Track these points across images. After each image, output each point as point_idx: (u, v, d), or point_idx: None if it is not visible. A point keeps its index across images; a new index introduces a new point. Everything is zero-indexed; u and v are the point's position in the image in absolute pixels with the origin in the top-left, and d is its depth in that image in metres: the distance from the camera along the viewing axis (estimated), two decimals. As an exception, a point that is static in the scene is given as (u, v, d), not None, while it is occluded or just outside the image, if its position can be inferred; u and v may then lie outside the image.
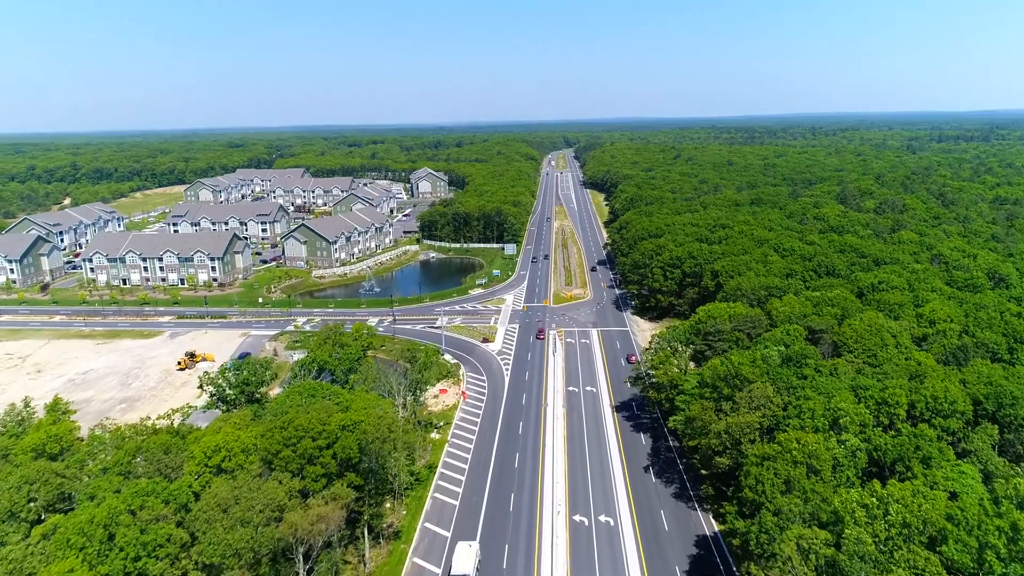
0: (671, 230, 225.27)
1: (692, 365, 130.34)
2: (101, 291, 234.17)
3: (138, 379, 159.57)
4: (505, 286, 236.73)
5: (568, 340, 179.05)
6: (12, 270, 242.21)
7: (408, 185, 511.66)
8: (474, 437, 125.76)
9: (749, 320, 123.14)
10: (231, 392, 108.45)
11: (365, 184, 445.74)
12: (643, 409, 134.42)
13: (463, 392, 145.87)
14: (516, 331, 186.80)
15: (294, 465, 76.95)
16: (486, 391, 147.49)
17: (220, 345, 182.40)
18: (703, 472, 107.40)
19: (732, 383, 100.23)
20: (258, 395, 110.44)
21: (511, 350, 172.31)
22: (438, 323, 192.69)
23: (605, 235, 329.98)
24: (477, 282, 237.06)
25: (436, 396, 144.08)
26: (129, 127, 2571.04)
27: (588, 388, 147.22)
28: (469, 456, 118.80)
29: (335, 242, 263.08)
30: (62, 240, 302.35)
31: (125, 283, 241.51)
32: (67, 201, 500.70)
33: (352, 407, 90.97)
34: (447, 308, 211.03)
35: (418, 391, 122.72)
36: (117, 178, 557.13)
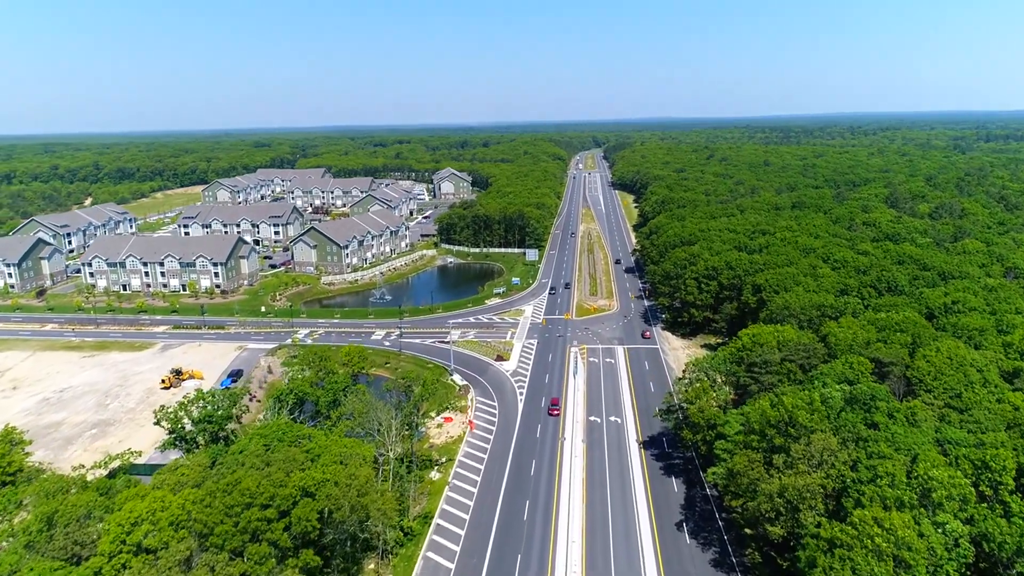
0: (706, 236, 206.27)
1: (730, 390, 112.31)
2: (99, 297, 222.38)
3: (117, 399, 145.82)
4: (525, 295, 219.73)
5: (591, 359, 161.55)
6: (10, 274, 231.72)
7: (431, 186, 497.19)
8: (479, 479, 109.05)
9: (802, 348, 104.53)
10: (193, 429, 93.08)
11: (385, 185, 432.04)
12: (675, 446, 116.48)
13: (470, 421, 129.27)
14: (534, 348, 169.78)
15: (234, 542, 61.02)
16: (496, 420, 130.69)
17: (213, 360, 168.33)
18: (747, 531, 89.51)
19: (785, 431, 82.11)
20: (224, 432, 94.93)
21: (527, 370, 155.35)
22: (449, 338, 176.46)
23: (634, 240, 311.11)
24: (495, 291, 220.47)
25: (440, 425, 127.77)
26: (166, 128, 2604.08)
27: (612, 418, 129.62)
28: (472, 503, 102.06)
29: (346, 247, 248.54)
30: (70, 242, 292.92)
31: (125, 289, 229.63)
32: (88, 201, 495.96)
33: (324, 457, 74.91)
34: (460, 320, 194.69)
35: (416, 425, 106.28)
36: (139, 178, 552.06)
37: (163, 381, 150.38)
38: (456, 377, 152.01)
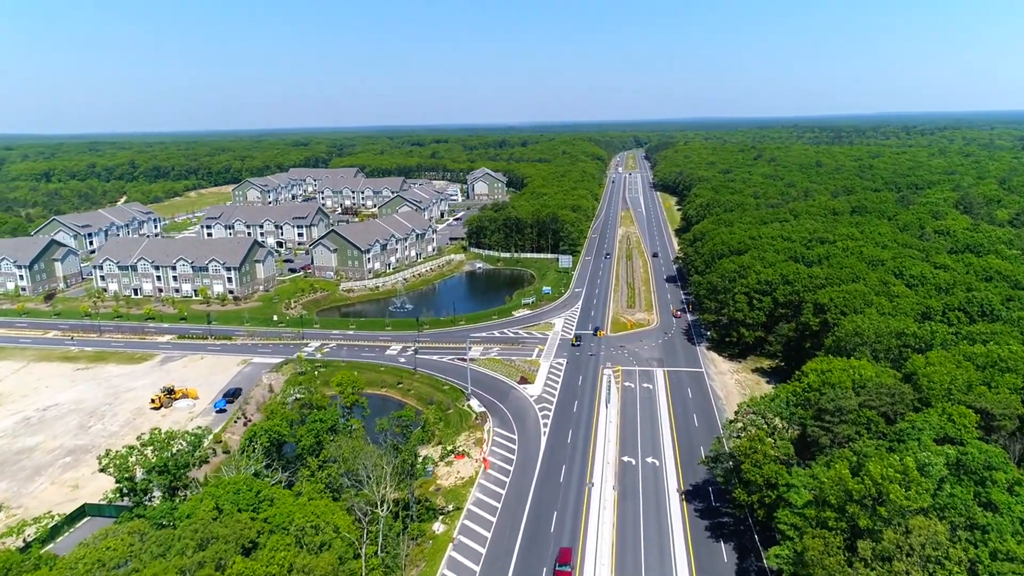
0: (757, 245, 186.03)
1: (792, 434, 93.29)
2: (107, 302, 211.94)
3: (102, 420, 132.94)
4: (556, 307, 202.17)
5: (626, 383, 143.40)
6: (21, 276, 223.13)
7: (465, 186, 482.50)
8: (489, 535, 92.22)
9: (885, 392, 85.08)
10: (148, 478, 78.09)
11: (417, 185, 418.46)
12: (724, 499, 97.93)
13: (485, 459, 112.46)
14: (563, 369, 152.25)
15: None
16: (515, 458, 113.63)
17: (212, 375, 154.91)
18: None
19: (873, 509, 63.43)
20: (183, 481, 79.78)
21: (554, 396, 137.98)
22: (468, 354, 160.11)
23: (676, 245, 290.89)
24: (523, 301, 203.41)
25: (450, 462, 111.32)
26: (214, 127, 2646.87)
27: (649, 460, 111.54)
28: (478, 570, 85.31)
29: (368, 251, 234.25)
30: (91, 242, 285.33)
31: (137, 293, 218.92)
32: (123, 200, 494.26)
33: (276, 539, 58.84)
34: (483, 335, 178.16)
35: (415, 471, 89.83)
36: (174, 176, 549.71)
37: (153, 400, 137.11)
38: (473, 403, 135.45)
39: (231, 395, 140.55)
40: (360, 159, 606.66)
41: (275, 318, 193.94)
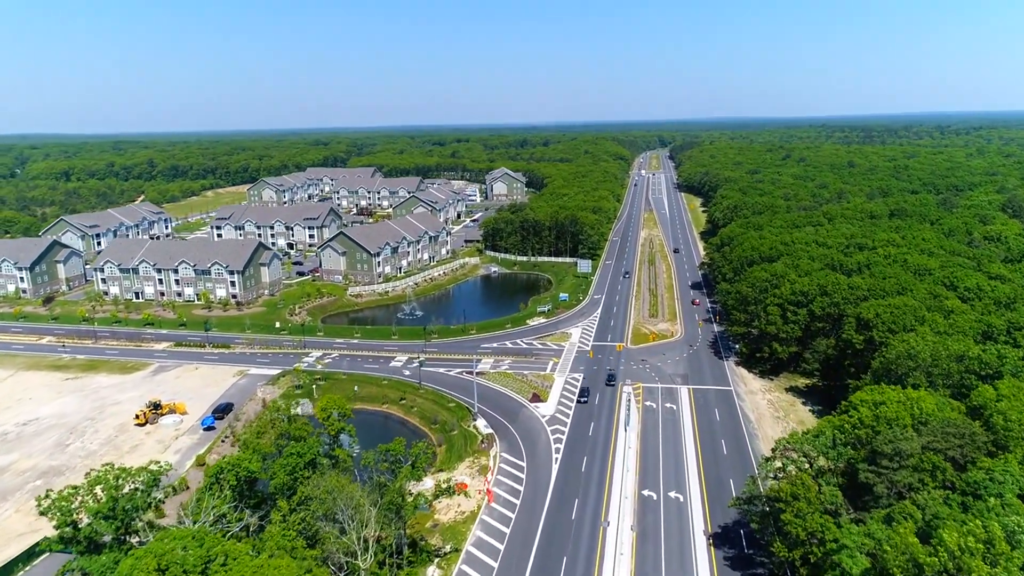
0: (790, 251, 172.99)
1: (839, 475, 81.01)
2: (107, 307, 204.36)
3: (82, 437, 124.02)
4: (573, 315, 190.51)
5: (647, 402, 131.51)
6: (22, 278, 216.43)
7: (484, 186, 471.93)
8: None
9: (952, 431, 72.53)
10: (94, 524, 67.97)
11: (434, 185, 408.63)
12: (758, 546, 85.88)
13: (488, 490, 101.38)
14: (578, 385, 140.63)
15: None
16: (523, 489, 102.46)
17: (205, 387, 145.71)
18: None
19: (951, 588, 51.29)
20: (134, 527, 69.57)
21: (568, 415, 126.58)
22: (477, 367, 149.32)
23: (702, 250, 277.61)
24: (538, 309, 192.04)
25: (452, 492, 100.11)
26: (242, 127, 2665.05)
27: (672, 494, 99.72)
28: (473, 629, 74.40)
29: (377, 254, 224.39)
30: (99, 243, 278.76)
31: (138, 297, 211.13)
32: (140, 199, 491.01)
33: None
34: (495, 345, 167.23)
35: (403, 512, 78.97)
36: (192, 176, 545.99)
37: (137, 416, 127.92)
38: (480, 423, 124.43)
39: (221, 411, 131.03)
40: (379, 158, 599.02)
41: (277, 325, 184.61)
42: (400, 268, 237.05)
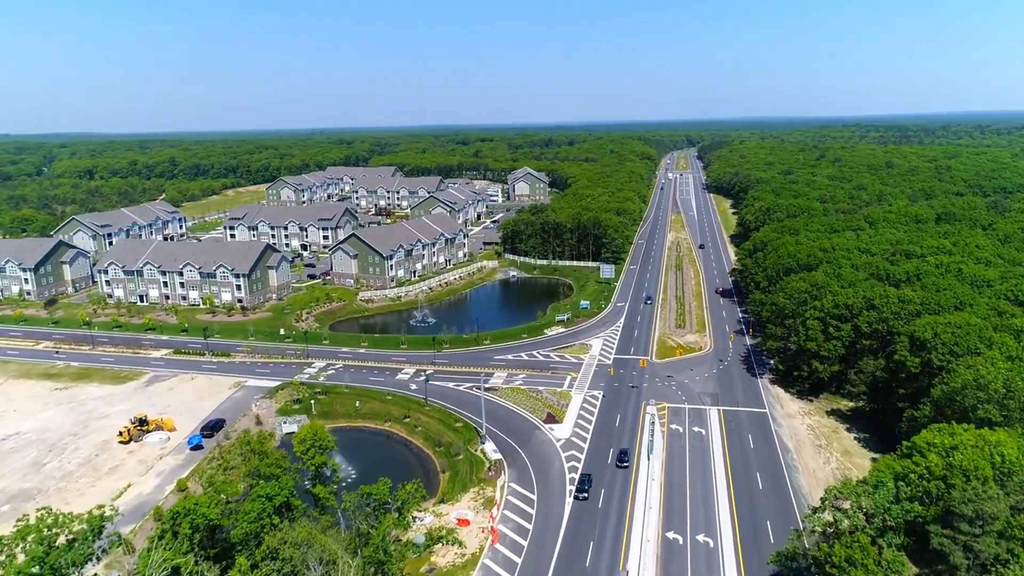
0: (830, 258, 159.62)
1: (890, 520, 68.57)
2: (109, 310, 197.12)
3: (62, 455, 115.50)
4: (594, 324, 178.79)
5: (673, 426, 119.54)
6: (26, 280, 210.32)
7: (506, 186, 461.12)
8: (487, 649, 70.23)
9: (1046, 487, 59.77)
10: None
11: (454, 185, 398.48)
12: (801, 607, 73.72)
13: (493, 529, 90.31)
14: (597, 404, 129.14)
15: None
16: (532, 528, 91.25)
17: (199, 400, 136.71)
18: None
19: None
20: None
21: (584, 440, 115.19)
22: (487, 382, 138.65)
23: (732, 254, 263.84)
24: (557, 317, 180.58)
25: (449, 533, 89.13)
26: (270, 127, 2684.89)
27: (701, 538, 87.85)
28: None
29: (390, 257, 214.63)
30: (111, 243, 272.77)
31: (143, 300, 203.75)
32: (161, 197, 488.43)
33: None
34: (510, 357, 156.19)
35: (390, 566, 68.15)
36: (213, 174, 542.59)
37: (120, 434, 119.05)
38: (488, 447, 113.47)
39: (211, 428, 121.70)
40: (401, 157, 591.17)
41: (281, 332, 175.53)
42: (414, 272, 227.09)
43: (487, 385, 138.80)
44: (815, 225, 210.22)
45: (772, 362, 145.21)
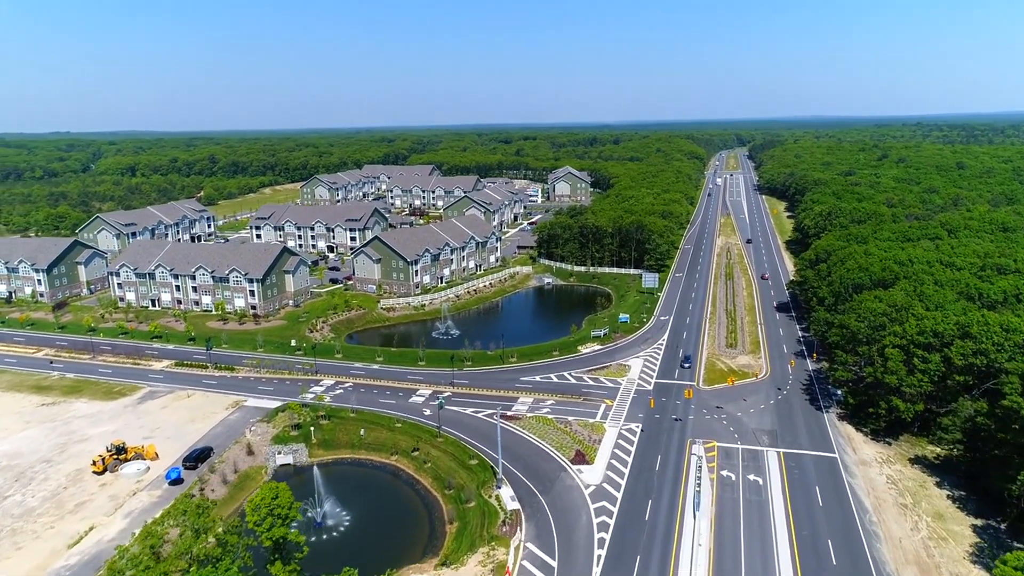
0: (908, 272, 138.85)
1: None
2: (117, 315, 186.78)
3: (29, 485, 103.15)
4: (634, 341, 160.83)
5: (724, 471, 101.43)
6: (39, 280, 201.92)
7: (546, 186, 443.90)
8: None
9: None
10: None
11: (491, 184, 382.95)
12: None
13: (501, 608, 73.91)
14: (635, 441, 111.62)
15: None
16: (548, 607, 74.53)
17: (191, 421, 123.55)
18: None
19: None
20: None
21: (619, 487, 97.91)
22: (513, 409, 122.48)
23: (788, 262, 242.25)
24: (593, 333, 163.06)
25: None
26: (318, 125, 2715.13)
27: (760, 633, 69.84)
28: None
29: (415, 262, 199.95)
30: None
31: (155, 304, 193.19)
32: (199, 195, 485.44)
33: None
34: (537, 378, 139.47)
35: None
36: (251, 172, 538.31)
37: (94, 463, 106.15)
38: (505, 493, 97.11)
39: (195, 458, 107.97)
40: (440, 155, 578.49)
41: (293, 343, 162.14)
42: (441, 278, 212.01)
43: (509, 413, 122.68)
44: (885, 232, 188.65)
45: (840, 392, 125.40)
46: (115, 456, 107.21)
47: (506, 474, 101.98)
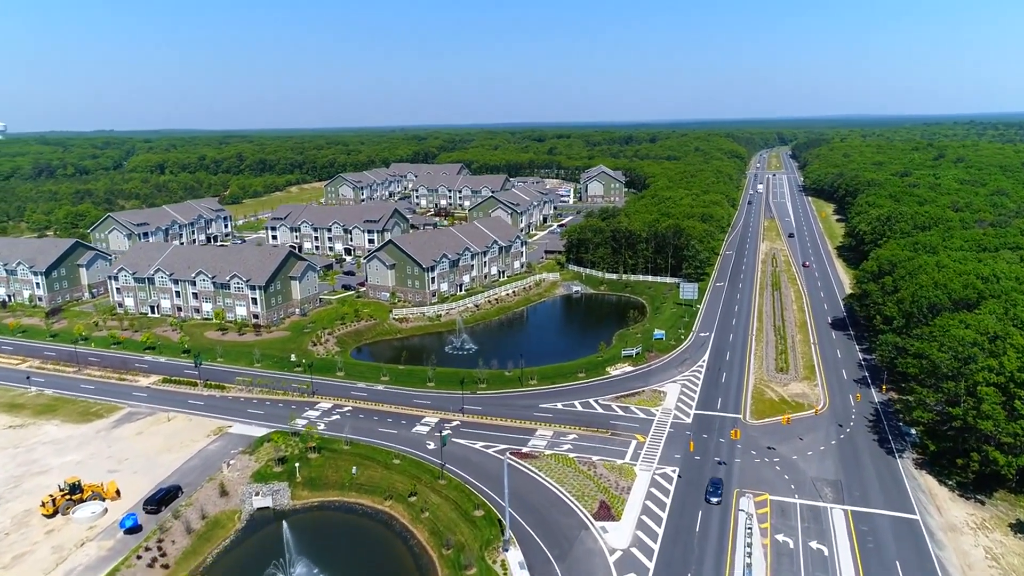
0: (995, 290, 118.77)
1: None
2: (112, 322, 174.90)
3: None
4: (670, 362, 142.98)
5: (780, 536, 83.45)
6: (37, 284, 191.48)
7: (579, 186, 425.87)
8: None
9: None
10: None
11: (519, 184, 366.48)
12: None
13: None
14: (671, 491, 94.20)
15: None
16: None
17: (166, 451, 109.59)
18: None
19: None
20: None
21: (651, 555, 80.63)
22: (529, 445, 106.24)
23: (840, 270, 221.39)
24: (624, 352, 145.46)
25: None
26: (352, 124, 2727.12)
27: None
28: None
29: (432, 268, 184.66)
30: (148, 243, 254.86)
31: (154, 311, 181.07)
32: (227, 193, 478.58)
33: None
34: (559, 406, 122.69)
35: None
36: (278, 170, 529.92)
37: (44, 504, 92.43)
38: (512, 559, 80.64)
39: (158, 500, 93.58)
40: (471, 154, 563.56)
41: (292, 358, 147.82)
42: (460, 286, 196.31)
43: (524, 449, 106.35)
44: (956, 241, 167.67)
45: (914, 432, 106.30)
46: (68, 496, 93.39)
47: (516, 530, 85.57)
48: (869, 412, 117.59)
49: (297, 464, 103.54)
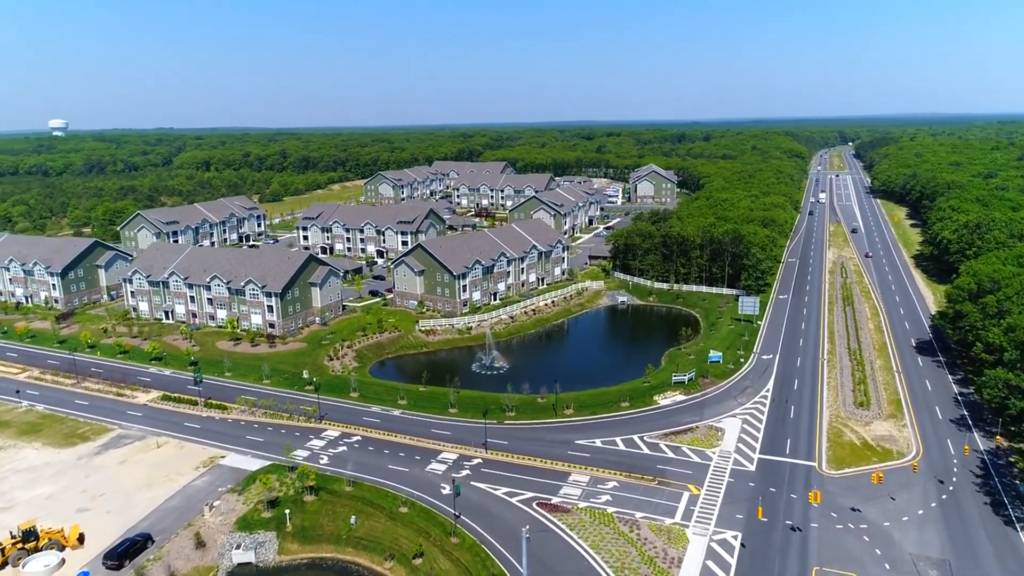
0: None
1: None
2: (122, 328, 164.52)
3: (-96, 582, 77.55)
4: (728, 390, 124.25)
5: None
6: (54, 285, 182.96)
7: (628, 186, 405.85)
8: None
9: None
10: None
11: (564, 184, 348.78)
12: None
13: None
14: (733, 567, 76.16)
15: None
16: None
17: (147, 487, 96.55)
18: None
19: None
20: None
21: (707, 659, 62.94)
22: (560, 495, 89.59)
23: (921, 283, 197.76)
24: (674, 377, 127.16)
25: None
26: (408, 123, 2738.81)
27: None
28: None
29: (463, 276, 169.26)
30: (176, 242, 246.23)
31: (168, 316, 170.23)
32: (268, 190, 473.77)
33: None
34: (598, 443, 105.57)
35: None
36: (322, 167, 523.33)
37: (-8, 551, 79.96)
38: (529, 658, 63.98)
39: (122, 553, 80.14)
40: (516, 152, 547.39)
41: (305, 374, 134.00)
42: (495, 294, 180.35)
43: (554, 500, 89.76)
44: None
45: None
46: (21, 545, 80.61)
47: (538, 615, 69.05)
48: (975, 464, 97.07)
49: (288, 510, 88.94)
